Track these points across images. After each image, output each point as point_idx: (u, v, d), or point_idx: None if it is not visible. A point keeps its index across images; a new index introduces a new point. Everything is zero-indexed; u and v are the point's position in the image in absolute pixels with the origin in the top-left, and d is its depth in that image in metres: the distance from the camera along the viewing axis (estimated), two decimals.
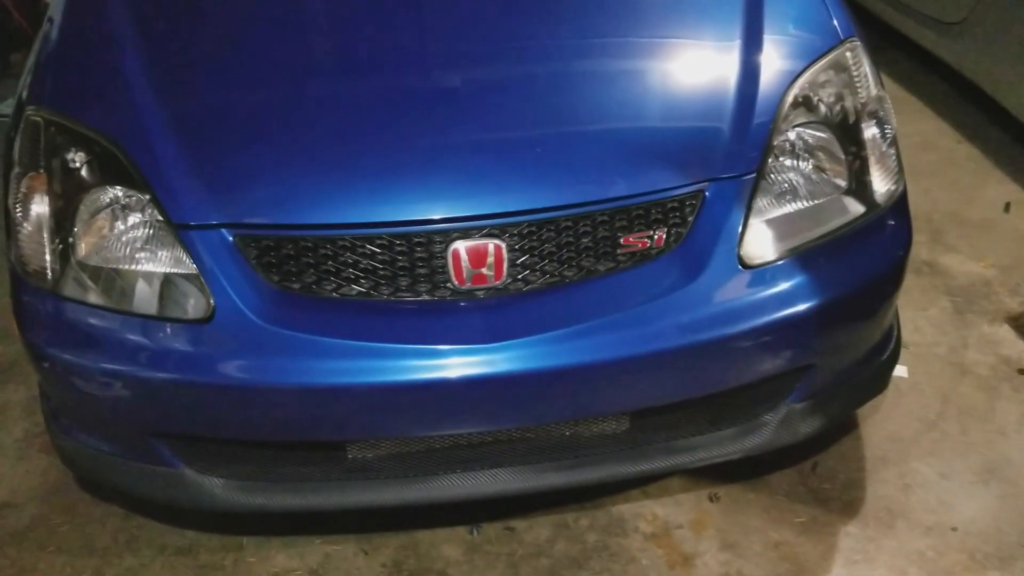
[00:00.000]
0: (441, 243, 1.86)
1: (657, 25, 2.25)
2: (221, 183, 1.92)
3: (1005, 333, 2.84)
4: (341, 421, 1.93)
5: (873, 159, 2.06)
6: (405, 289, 1.88)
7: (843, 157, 2.06)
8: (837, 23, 2.19)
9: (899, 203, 2.12)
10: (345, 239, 1.87)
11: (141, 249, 1.92)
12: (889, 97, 2.17)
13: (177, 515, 2.31)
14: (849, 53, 2.13)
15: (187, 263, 1.88)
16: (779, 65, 2.10)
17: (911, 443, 2.48)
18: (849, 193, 2.05)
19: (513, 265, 1.88)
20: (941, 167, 3.73)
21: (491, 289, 1.88)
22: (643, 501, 2.34)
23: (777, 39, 2.15)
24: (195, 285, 1.88)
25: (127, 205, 1.94)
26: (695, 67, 2.17)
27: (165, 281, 1.90)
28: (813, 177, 2.04)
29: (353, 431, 1.98)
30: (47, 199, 1.96)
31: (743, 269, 1.93)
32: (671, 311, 1.89)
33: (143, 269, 1.91)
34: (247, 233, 1.88)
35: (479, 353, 1.83)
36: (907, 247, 2.11)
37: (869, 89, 2.11)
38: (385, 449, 2.04)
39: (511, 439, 2.05)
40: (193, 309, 1.88)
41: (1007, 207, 3.45)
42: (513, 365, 1.83)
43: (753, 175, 1.97)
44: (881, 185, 2.06)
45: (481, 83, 2.11)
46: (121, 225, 1.94)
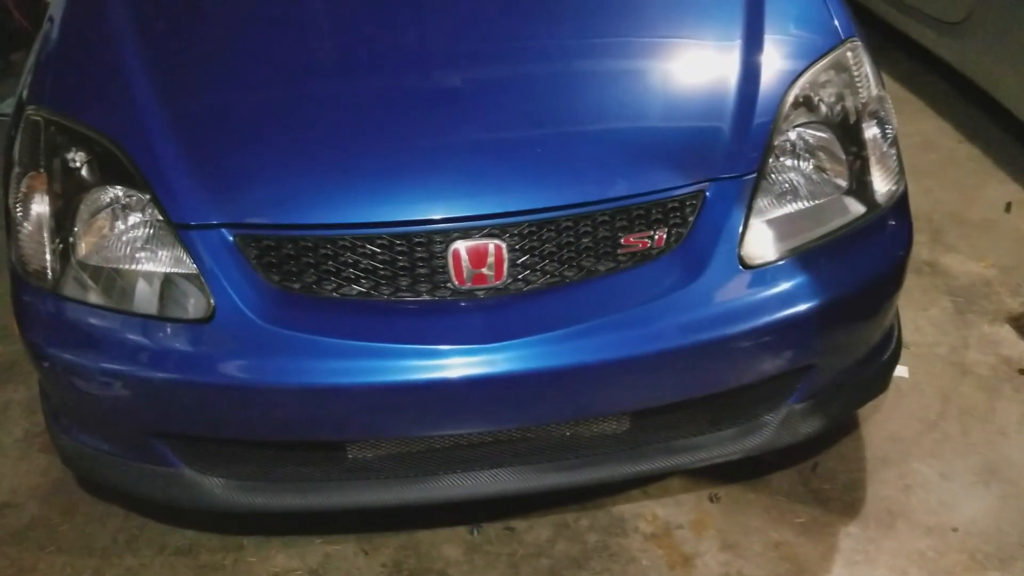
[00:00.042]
0: (441, 243, 1.86)
1: (657, 25, 2.25)
2: (221, 183, 1.92)
3: (1006, 333, 2.84)
4: (341, 421, 1.93)
5: (874, 159, 2.06)
6: (405, 289, 1.88)
7: (844, 157, 2.06)
8: (838, 23, 2.19)
9: (900, 203, 2.12)
10: (345, 239, 1.87)
11: (141, 249, 1.92)
12: (890, 97, 2.17)
13: (177, 515, 2.31)
14: (850, 53, 2.12)
15: (187, 263, 1.88)
16: (780, 65, 2.10)
17: (912, 443, 2.47)
18: (850, 193, 2.04)
19: (513, 265, 1.88)
20: (942, 167, 3.73)
21: (491, 289, 1.88)
22: (643, 501, 2.34)
23: (778, 39, 2.15)
24: (195, 285, 1.88)
25: (127, 205, 1.94)
26: (696, 67, 2.16)
27: (165, 281, 1.90)
28: (814, 177, 2.04)
29: (353, 431, 1.98)
30: (47, 199, 1.96)
31: (744, 269, 1.93)
32: (671, 311, 1.89)
33: (143, 269, 1.91)
34: (247, 233, 1.88)
35: (479, 353, 1.83)
36: (908, 247, 2.11)
37: (870, 89, 2.11)
38: (385, 449, 2.04)
39: (511, 439, 2.05)
40: (193, 309, 1.88)
41: (1008, 207, 3.45)
42: (513, 365, 1.83)
43: (754, 175, 1.97)
44: (882, 185, 2.06)
45: (481, 83, 2.11)
46: (121, 225, 1.94)
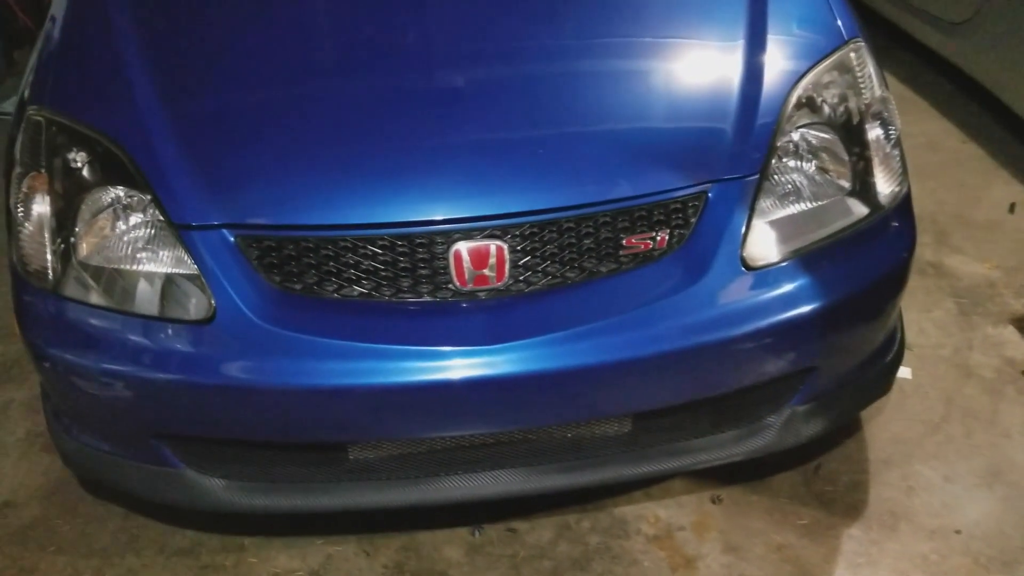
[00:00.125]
0: (443, 244, 1.85)
1: (660, 25, 2.24)
2: (223, 183, 1.92)
3: (1010, 335, 2.83)
4: (342, 422, 1.93)
5: (877, 160, 2.05)
6: (407, 290, 1.88)
7: (847, 158, 2.05)
8: (841, 23, 2.18)
9: (903, 204, 2.11)
10: (347, 240, 1.86)
11: (142, 249, 1.92)
12: (893, 97, 2.16)
13: (178, 515, 2.31)
14: (853, 54, 2.12)
15: (188, 263, 1.88)
16: (783, 65, 2.09)
17: (915, 445, 2.47)
18: (853, 194, 2.04)
19: (515, 266, 1.87)
20: (946, 167, 3.72)
21: (493, 290, 1.87)
22: (645, 503, 2.33)
23: (781, 39, 2.14)
24: (196, 285, 1.88)
25: (128, 205, 1.94)
26: (698, 67, 2.16)
27: (166, 281, 1.90)
28: (817, 178, 2.03)
29: (354, 432, 1.98)
30: (48, 199, 1.95)
31: (746, 271, 1.92)
32: (674, 313, 1.88)
33: (144, 269, 1.91)
34: (248, 233, 1.88)
35: (481, 355, 1.83)
36: (911, 249, 2.11)
37: (873, 90, 2.10)
38: (386, 450, 2.04)
39: (513, 440, 2.04)
40: (194, 310, 1.88)
41: (1012, 208, 3.44)
42: (515, 367, 1.82)
43: (756, 176, 1.96)
44: (885, 186, 2.05)
45: (483, 83, 2.10)
46: (122, 225, 1.94)
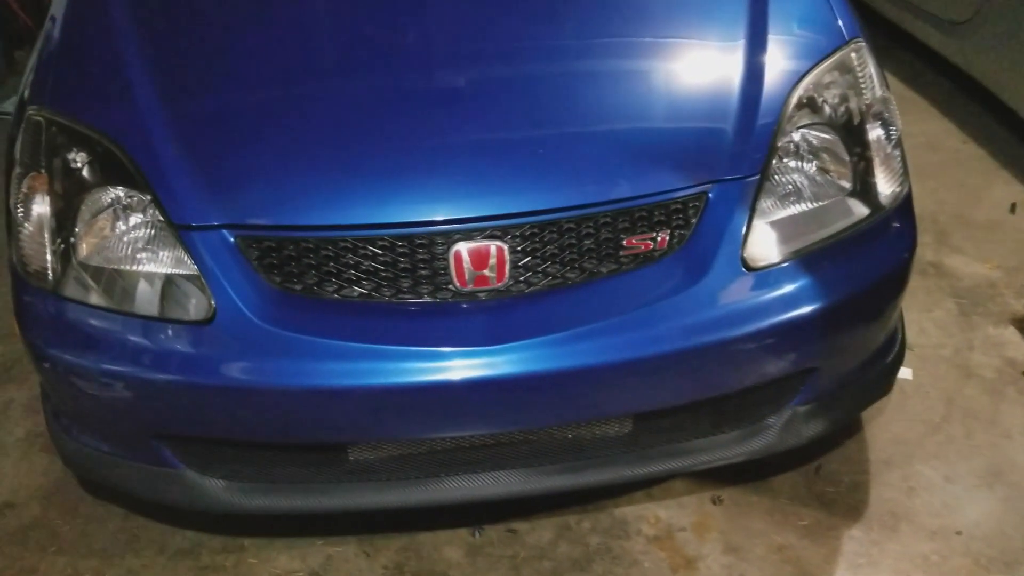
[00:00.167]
0: (443, 244, 1.85)
1: (660, 25, 2.24)
2: (223, 184, 1.92)
3: (1010, 335, 2.83)
4: (342, 423, 1.93)
5: (878, 161, 2.05)
6: (407, 291, 1.87)
7: (848, 159, 2.05)
8: (842, 23, 2.18)
9: (904, 205, 2.11)
10: (347, 240, 1.86)
11: (142, 250, 1.92)
12: (894, 97, 2.15)
13: (178, 515, 2.30)
14: (854, 54, 2.11)
15: (188, 264, 1.88)
16: (783, 66, 2.09)
17: (915, 446, 2.46)
18: (854, 195, 2.04)
19: (515, 267, 1.87)
20: (947, 167, 3.72)
21: (493, 291, 1.87)
22: (646, 503, 2.33)
23: (781, 39, 2.14)
24: (196, 286, 1.87)
25: (128, 205, 1.94)
26: (699, 67, 2.15)
27: (166, 282, 1.90)
28: (817, 179, 2.03)
29: (354, 433, 1.97)
30: (48, 199, 1.95)
31: (747, 271, 1.92)
32: (674, 313, 1.88)
33: (144, 270, 1.91)
34: (248, 234, 1.87)
35: (481, 355, 1.83)
36: (912, 249, 2.10)
37: (874, 90, 2.10)
38: (386, 451, 2.03)
39: (513, 441, 2.04)
40: (194, 310, 1.87)
41: (1013, 208, 3.43)
42: (515, 367, 1.82)
43: (757, 176, 1.96)
44: (886, 187, 2.05)
45: (483, 83, 2.10)
46: (122, 225, 1.94)
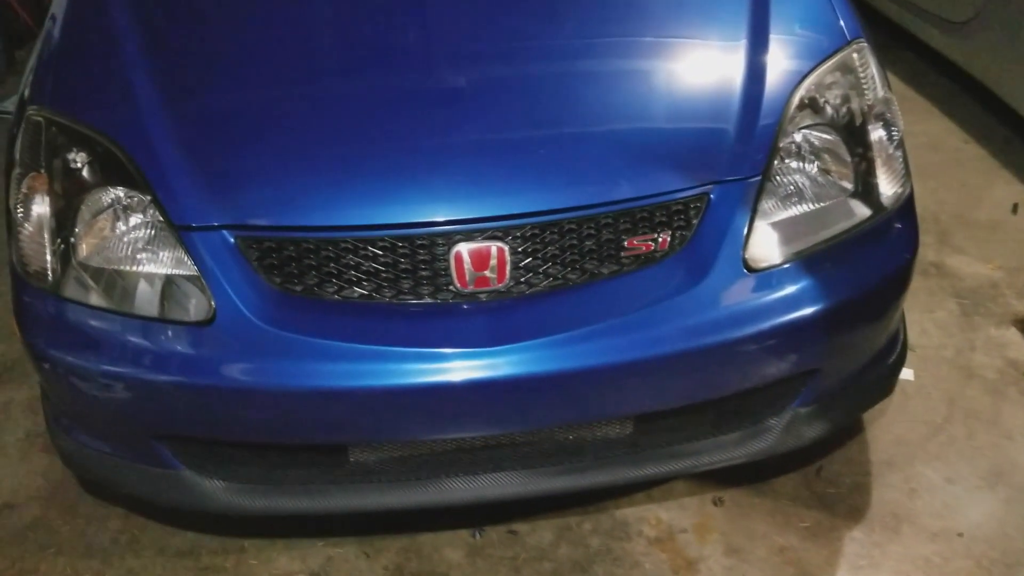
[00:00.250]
0: (444, 245, 1.84)
1: (662, 25, 2.23)
2: (223, 184, 1.91)
3: (1012, 336, 2.82)
4: (343, 424, 1.92)
5: (880, 161, 2.04)
6: (407, 292, 1.87)
7: (849, 159, 2.04)
8: (844, 24, 2.18)
9: (906, 206, 2.10)
10: (347, 241, 1.86)
11: (142, 250, 1.91)
12: (896, 97, 2.15)
13: (178, 516, 2.30)
14: (856, 54, 2.11)
15: (188, 264, 1.87)
16: (785, 66, 2.08)
17: (917, 447, 2.46)
18: (855, 196, 2.03)
19: (516, 268, 1.86)
20: (948, 167, 3.71)
21: (494, 292, 1.87)
22: (647, 505, 2.32)
23: (783, 40, 2.14)
24: (196, 287, 1.87)
25: (128, 206, 1.93)
26: (700, 68, 2.15)
27: (166, 282, 1.89)
28: (819, 179, 2.02)
29: (355, 434, 1.97)
30: (48, 199, 1.95)
31: (748, 272, 1.91)
32: (675, 315, 1.87)
33: (144, 270, 1.90)
34: (249, 235, 1.87)
35: (482, 357, 1.82)
36: (914, 250, 2.10)
37: (876, 91, 2.09)
38: (387, 452, 2.03)
39: (514, 442, 2.03)
40: (194, 311, 1.87)
41: (1015, 208, 3.43)
42: (516, 369, 1.82)
43: (758, 177, 1.95)
44: (888, 188, 2.05)
45: (484, 83, 2.10)
46: (122, 226, 1.93)
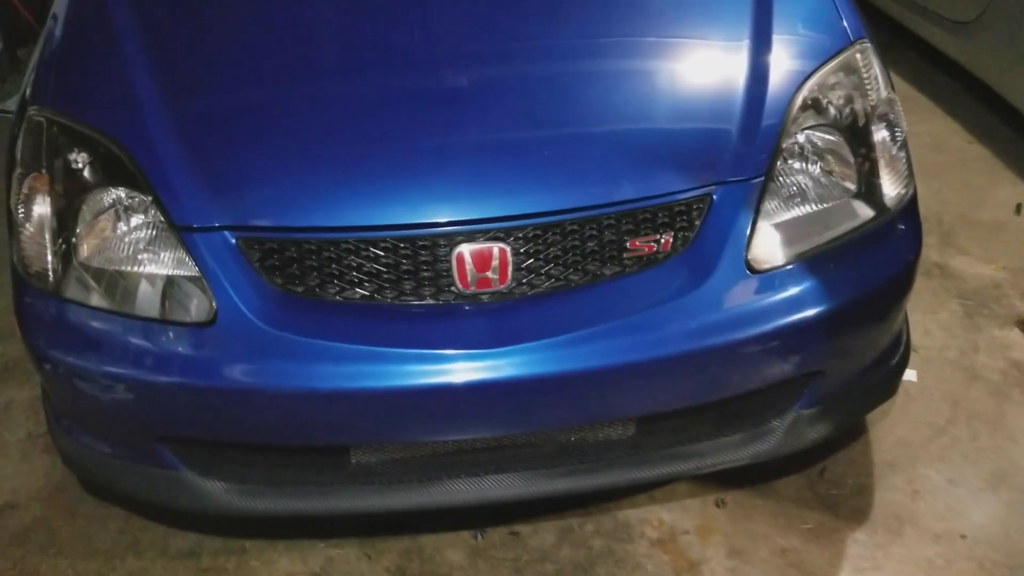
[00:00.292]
0: (445, 246, 1.84)
1: (665, 26, 2.23)
2: (224, 185, 1.91)
3: (1016, 337, 2.81)
4: (344, 425, 1.92)
5: (883, 162, 2.04)
6: (409, 293, 1.87)
7: (852, 160, 2.04)
8: (847, 24, 2.17)
9: (909, 207, 2.09)
10: (349, 242, 1.85)
11: (144, 251, 1.91)
12: (899, 97, 2.14)
13: (180, 517, 2.30)
14: (859, 55, 2.10)
15: (190, 265, 1.87)
16: (788, 66, 2.08)
17: (920, 448, 2.45)
18: (858, 197, 2.02)
19: (518, 269, 1.86)
20: (952, 168, 3.70)
21: (496, 293, 1.86)
22: (649, 506, 2.32)
23: (786, 40, 2.13)
24: (197, 287, 1.87)
25: (130, 206, 1.93)
26: (703, 68, 2.14)
27: (168, 283, 1.89)
28: (822, 180, 2.02)
29: (356, 436, 1.97)
30: (49, 200, 1.94)
31: (751, 274, 1.91)
32: (678, 316, 1.87)
33: (145, 271, 1.90)
34: (250, 235, 1.87)
35: (484, 358, 1.82)
36: (917, 251, 2.09)
37: (879, 91, 2.09)
38: (388, 454, 2.03)
39: (516, 444, 2.03)
40: (196, 312, 1.87)
41: (1018, 208, 3.42)
42: (518, 370, 1.81)
43: (761, 178, 1.95)
44: (891, 189, 2.04)
45: (486, 84, 2.09)
46: (124, 226, 1.93)
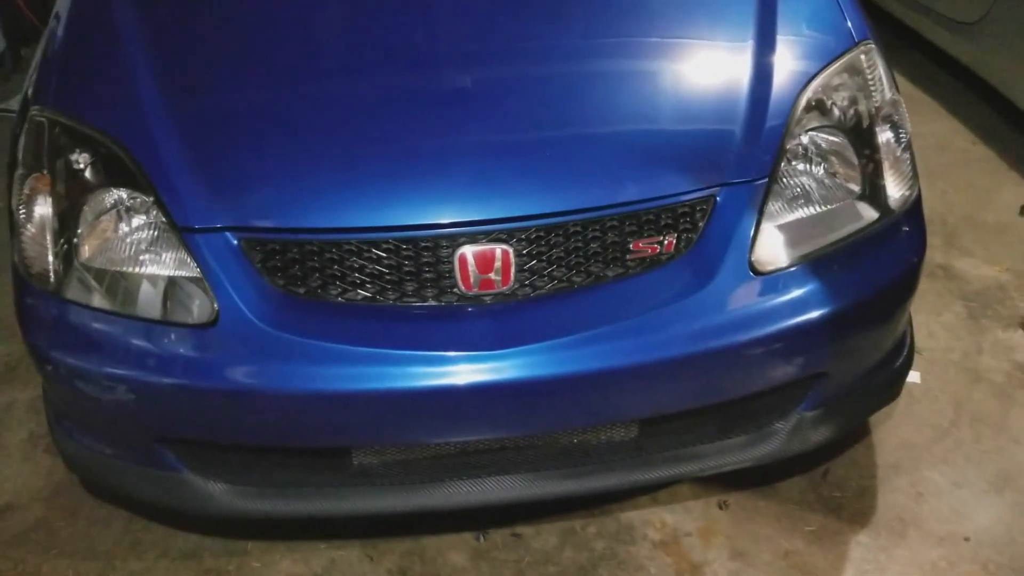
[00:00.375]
0: (448, 248, 1.83)
1: (668, 26, 2.22)
2: (226, 185, 1.90)
3: (1020, 339, 2.80)
4: (346, 427, 1.91)
5: (887, 164, 2.03)
6: (411, 294, 1.86)
7: (857, 162, 2.03)
8: (851, 25, 2.16)
9: (913, 208, 2.09)
10: (351, 243, 1.85)
11: (145, 252, 1.91)
12: (903, 98, 2.13)
13: (181, 519, 2.29)
14: (863, 56, 2.10)
15: (191, 266, 1.86)
16: (792, 67, 2.07)
17: (924, 451, 2.45)
18: (863, 198, 2.02)
19: (521, 270, 1.85)
20: (956, 168, 3.69)
21: (498, 295, 1.86)
22: (652, 508, 2.31)
23: (790, 41, 2.12)
24: (199, 288, 1.86)
25: (131, 207, 1.93)
26: (707, 69, 2.14)
27: (169, 284, 1.88)
28: (826, 182, 2.01)
29: (358, 437, 1.96)
30: (51, 200, 1.94)
31: (754, 275, 1.90)
32: (681, 318, 1.86)
33: (147, 272, 1.90)
34: (252, 236, 1.86)
35: (486, 360, 1.81)
36: (921, 253, 2.08)
37: (883, 93, 2.08)
38: (390, 455, 2.02)
39: (518, 446, 2.02)
40: (197, 313, 1.86)
41: (1022, 210, 3.41)
42: (520, 372, 1.81)
43: (765, 180, 1.94)
44: (895, 190, 2.03)
45: (489, 85, 2.08)
46: (125, 227, 1.92)
